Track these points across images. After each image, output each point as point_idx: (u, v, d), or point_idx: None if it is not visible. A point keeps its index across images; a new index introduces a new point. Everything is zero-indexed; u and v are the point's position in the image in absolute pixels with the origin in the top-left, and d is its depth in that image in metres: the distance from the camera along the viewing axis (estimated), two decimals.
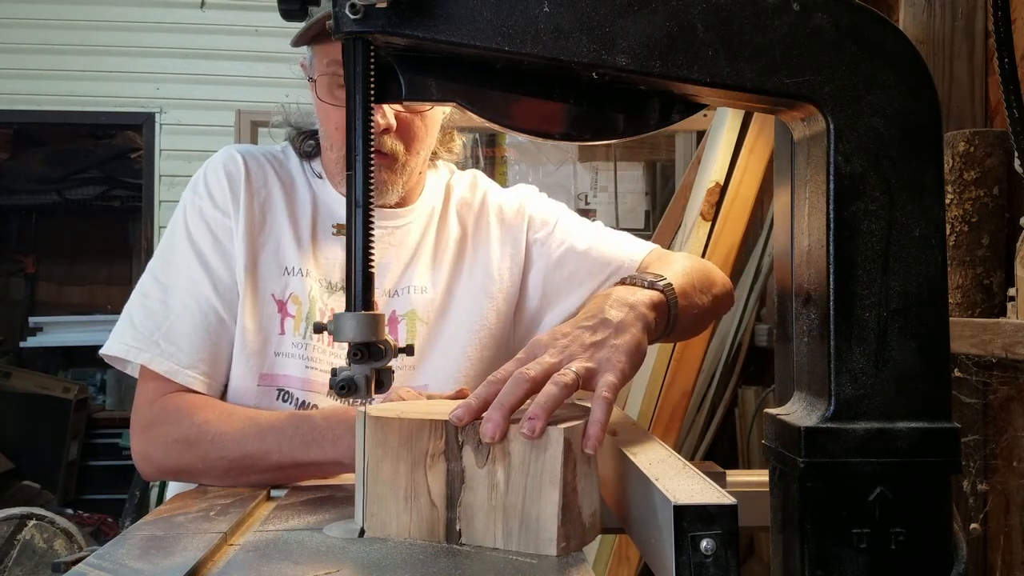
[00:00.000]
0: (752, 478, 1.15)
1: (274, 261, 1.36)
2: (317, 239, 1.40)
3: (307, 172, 1.46)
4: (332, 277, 1.39)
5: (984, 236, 1.60)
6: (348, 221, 0.88)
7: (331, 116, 1.34)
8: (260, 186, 1.39)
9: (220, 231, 1.35)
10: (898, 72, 0.81)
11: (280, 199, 1.39)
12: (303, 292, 1.35)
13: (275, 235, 1.37)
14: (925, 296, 0.81)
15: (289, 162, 1.46)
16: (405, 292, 1.42)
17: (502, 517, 0.87)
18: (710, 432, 2.74)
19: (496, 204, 1.55)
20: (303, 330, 1.34)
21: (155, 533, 0.97)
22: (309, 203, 1.42)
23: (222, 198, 1.36)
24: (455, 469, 0.89)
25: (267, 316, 1.33)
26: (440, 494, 0.90)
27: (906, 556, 0.79)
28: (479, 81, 0.89)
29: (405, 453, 0.91)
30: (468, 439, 0.89)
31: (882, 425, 0.80)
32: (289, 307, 1.34)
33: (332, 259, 1.40)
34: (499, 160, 3.74)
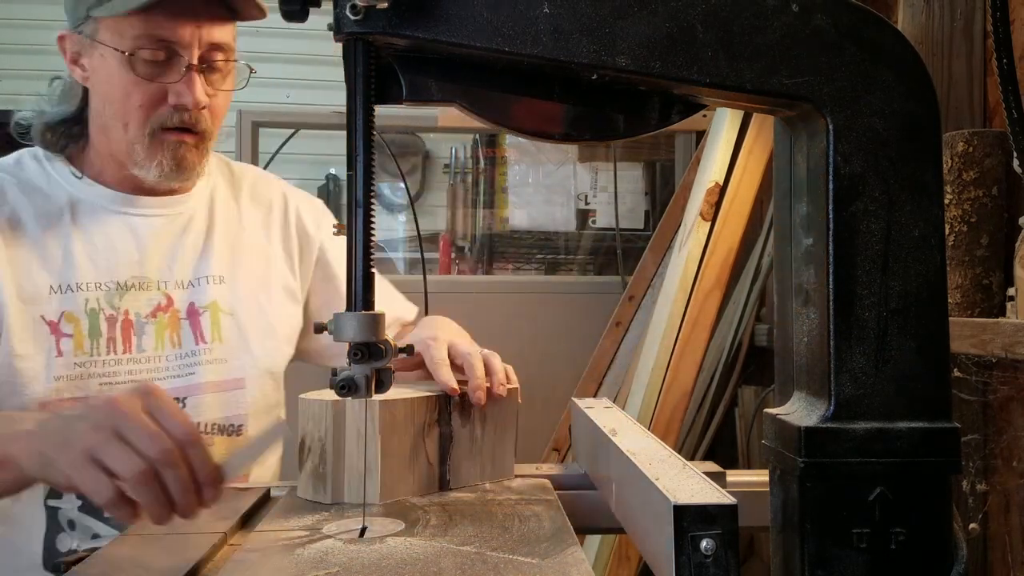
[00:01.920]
0: (752, 478, 1.15)
1: (37, 281, 1.24)
2: (86, 243, 1.29)
3: (52, 174, 1.33)
4: (118, 277, 1.30)
5: (983, 236, 1.60)
6: (348, 221, 0.88)
7: (132, 93, 1.23)
8: (1, 206, 1.27)
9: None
10: (897, 72, 0.81)
11: (29, 215, 1.27)
12: (78, 307, 1.25)
13: (31, 254, 1.25)
14: (924, 296, 0.81)
15: (26, 172, 1.32)
16: (200, 283, 1.36)
17: (479, 460, 1.18)
18: (710, 432, 2.74)
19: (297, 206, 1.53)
20: (88, 347, 1.24)
21: (155, 533, 0.97)
22: (66, 209, 1.30)
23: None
24: (445, 432, 1.15)
25: (39, 339, 1.22)
26: (434, 453, 1.14)
27: (906, 556, 0.79)
28: (479, 82, 0.89)
29: (409, 426, 1.11)
30: (454, 407, 1.16)
31: (882, 425, 0.80)
32: (63, 327, 1.24)
33: (112, 258, 1.30)
34: (499, 160, 3.75)
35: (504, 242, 3.64)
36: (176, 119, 1.25)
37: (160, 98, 1.24)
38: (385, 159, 3.51)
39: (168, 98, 1.24)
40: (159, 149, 1.26)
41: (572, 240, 3.60)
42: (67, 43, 1.29)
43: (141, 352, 1.29)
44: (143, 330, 1.30)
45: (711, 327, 2.41)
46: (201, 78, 1.25)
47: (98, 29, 1.24)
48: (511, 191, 3.63)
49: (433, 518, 1.02)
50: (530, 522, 0.99)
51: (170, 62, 1.23)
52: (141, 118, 1.25)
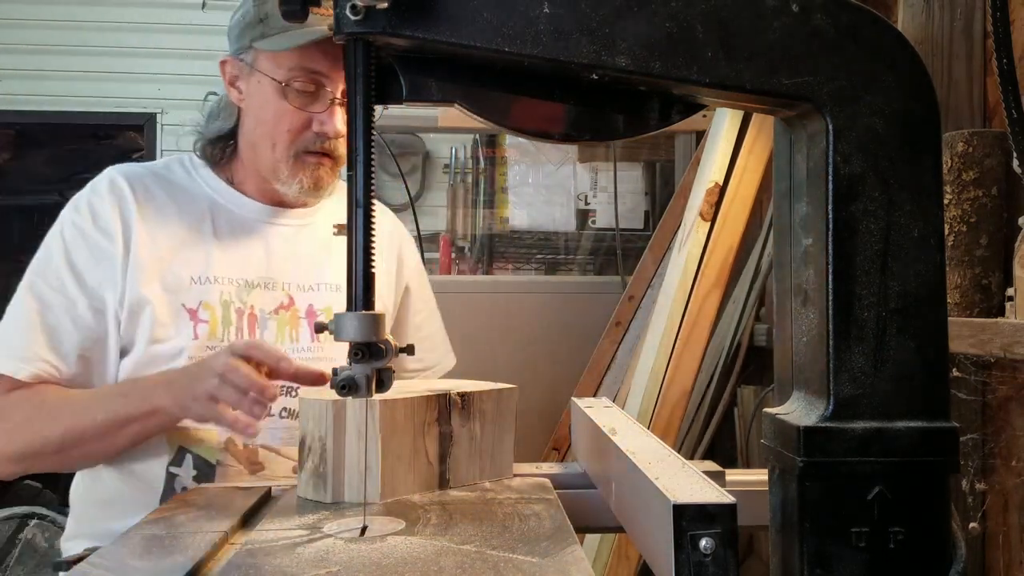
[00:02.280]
0: (751, 477, 1.15)
1: (180, 273, 1.38)
2: (223, 243, 1.44)
3: (198, 180, 1.48)
4: (247, 276, 1.43)
5: (983, 236, 1.60)
6: (348, 221, 0.89)
7: (283, 119, 1.38)
8: (148, 205, 1.41)
9: (99, 253, 1.37)
10: (897, 73, 0.82)
11: (172, 213, 1.42)
12: (214, 298, 1.39)
13: (174, 249, 1.40)
14: (924, 296, 0.81)
15: (173, 175, 1.48)
16: (319, 288, 1.48)
17: (478, 460, 1.19)
18: (709, 431, 2.75)
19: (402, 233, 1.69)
20: (220, 333, 1.38)
21: (155, 533, 0.97)
22: (207, 210, 1.45)
23: (107, 220, 1.38)
24: (445, 432, 1.16)
25: (179, 324, 1.36)
26: (434, 453, 1.15)
27: (905, 555, 0.79)
28: (479, 82, 0.89)
29: (409, 425, 1.12)
30: (455, 406, 1.17)
31: (881, 424, 0.80)
32: (200, 314, 1.38)
33: (245, 258, 1.44)
34: (499, 160, 3.75)
35: (504, 242, 3.64)
36: (318, 145, 1.40)
37: (306, 125, 1.38)
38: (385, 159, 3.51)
39: (312, 125, 1.38)
40: (301, 169, 1.41)
41: (572, 240, 3.60)
42: (228, 67, 1.44)
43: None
44: (266, 324, 1.43)
45: (711, 327, 2.41)
46: (343, 110, 1.37)
47: (258, 58, 1.39)
48: (511, 191, 3.63)
49: (433, 517, 1.02)
50: (530, 521, 0.99)
51: (318, 94, 1.37)
52: (288, 141, 1.39)
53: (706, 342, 2.41)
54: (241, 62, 1.41)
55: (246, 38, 1.39)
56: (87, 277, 1.36)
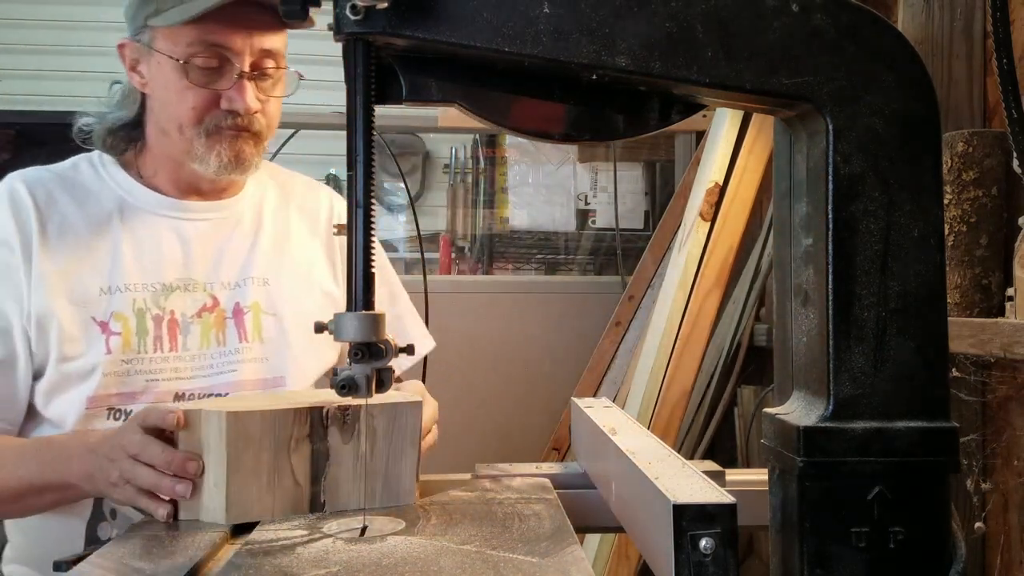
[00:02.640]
0: (751, 477, 1.15)
1: (88, 284, 1.30)
2: (135, 246, 1.34)
3: (106, 178, 1.39)
4: (163, 279, 1.34)
5: (983, 236, 1.60)
6: (348, 221, 0.88)
7: (186, 97, 1.28)
8: (51, 212, 1.32)
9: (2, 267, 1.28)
10: (897, 73, 0.82)
11: (78, 219, 1.33)
12: (125, 307, 1.30)
13: (81, 257, 1.31)
14: (924, 296, 0.81)
15: (81, 176, 1.38)
16: (246, 283, 1.40)
17: (366, 482, 1.05)
18: (709, 431, 2.74)
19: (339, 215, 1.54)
20: (135, 345, 1.29)
21: (156, 533, 0.97)
22: (115, 211, 1.35)
23: (5, 231, 1.29)
24: (319, 449, 1.05)
25: (90, 339, 1.28)
26: (304, 473, 1.04)
27: (905, 555, 0.79)
28: (479, 82, 0.89)
29: (268, 441, 1.02)
30: (334, 421, 1.05)
31: (881, 424, 0.80)
32: (112, 326, 1.29)
33: (159, 260, 1.35)
34: (499, 160, 3.75)
35: (504, 242, 3.64)
36: (229, 122, 1.30)
37: (213, 102, 1.30)
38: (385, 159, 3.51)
39: (221, 103, 1.29)
40: (217, 142, 1.31)
41: (572, 240, 3.60)
42: (126, 50, 1.36)
43: (186, 350, 1.33)
44: (188, 329, 1.34)
45: (711, 327, 2.41)
46: (253, 84, 1.30)
47: (155, 37, 1.30)
48: (511, 191, 3.63)
49: (433, 517, 1.02)
50: (530, 521, 0.99)
51: (222, 69, 1.29)
52: (194, 120, 1.30)
53: (706, 342, 2.41)
54: (139, 44, 1.32)
55: (140, 17, 1.30)
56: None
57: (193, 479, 1.01)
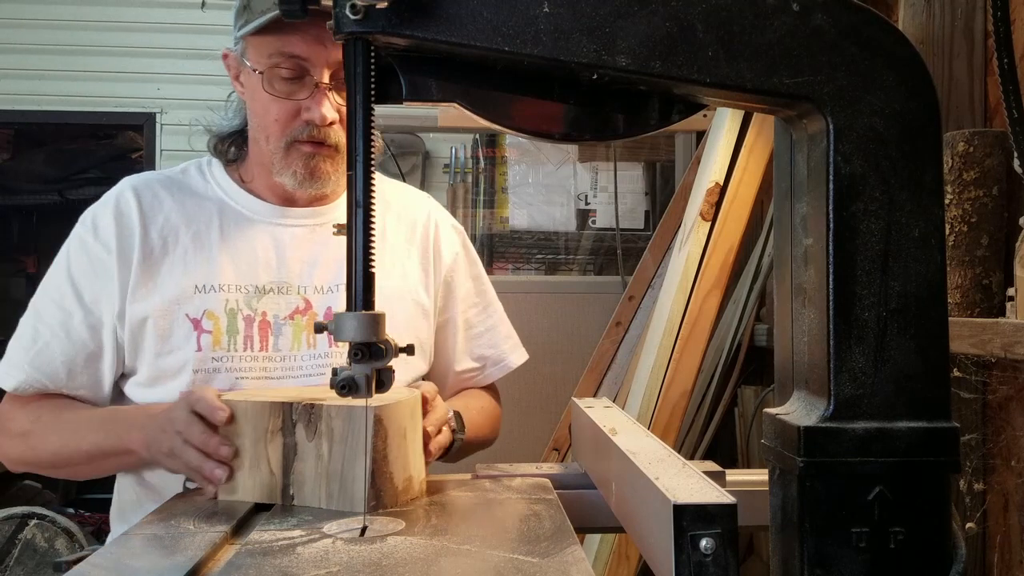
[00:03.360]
0: (752, 477, 1.15)
1: (183, 282, 1.35)
2: (231, 248, 1.39)
3: (211, 182, 1.45)
4: (257, 281, 1.38)
5: (983, 236, 1.60)
6: (348, 221, 0.88)
7: (270, 109, 1.33)
8: (155, 214, 1.39)
9: (99, 266, 1.35)
10: (898, 72, 0.81)
11: (179, 221, 1.39)
12: (218, 306, 1.35)
13: (180, 257, 1.37)
14: (924, 296, 0.81)
15: (189, 180, 1.45)
16: (339, 289, 1.41)
17: (325, 482, 1.07)
18: (710, 431, 2.75)
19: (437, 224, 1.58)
20: (225, 343, 1.34)
21: (155, 533, 0.97)
22: (216, 214, 1.41)
23: (107, 234, 1.37)
24: (290, 443, 1.09)
25: (181, 336, 1.33)
26: (278, 463, 1.09)
27: (905, 555, 0.79)
28: (479, 81, 0.89)
29: (249, 429, 1.10)
30: (300, 418, 1.09)
31: (881, 425, 0.80)
32: (204, 324, 1.34)
33: (254, 262, 1.39)
34: (499, 160, 3.75)
35: (504, 242, 3.64)
36: (307, 134, 1.33)
37: (294, 114, 1.33)
38: (385, 159, 3.51)
39: (301, 114, 1.33)
40: (294, 159, 1.35)
41: (572, 240, 3.60)
42: (229, 61, 1.41)
43: (276, 351, 1.36)
44: (280, 331, 1.38)
45: (711, 327, 2.41)
46: (331, 95, 1.32)
47: (247, 49, 1.35)
48: (511, 191, 3.63)
49: (433, 517, 1.02)
50: (530, 521, 0.99)
51: (302, 80, 1.32)
52: (277, 132, 1.34)
53: (706, 342, 2.41)
54: (237, 54, 1.38)
55: (236, 28, 1.35)
56: (85, 291, 1.35)
57: (228, 463, 1.10)
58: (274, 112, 1.33)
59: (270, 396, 1.13)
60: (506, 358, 1.62)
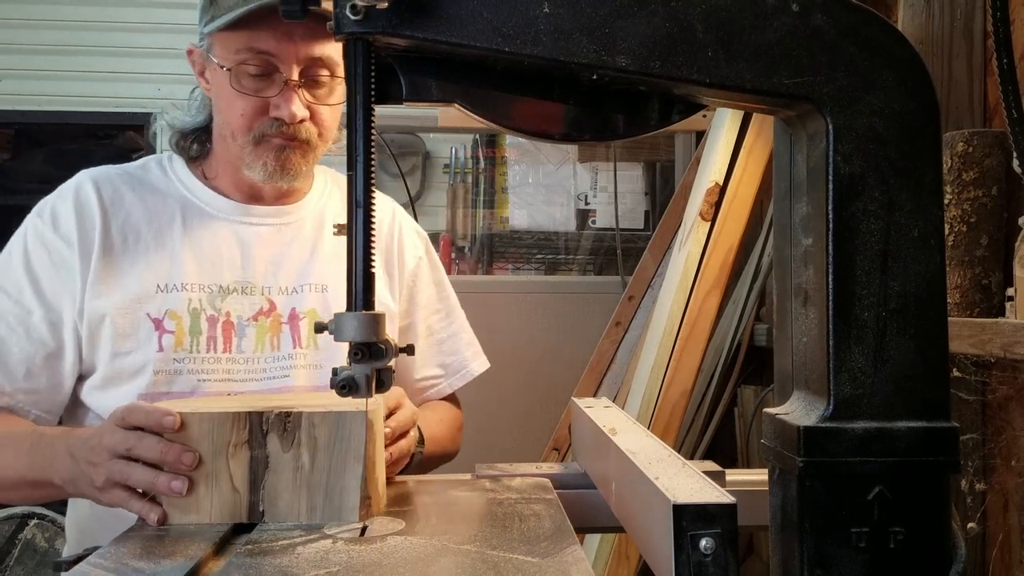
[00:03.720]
0: (751, 477, 1.15)
1: (145, 281, 1.32)
2: (195, 247, 1.36)
3: (172, 178, 1.42)
4: (221, 281, 1.35)
5: (983, 236, 1.60)
6: (348, 221, 0.88)
7: (236, 104, 1.30)
8: (116, 209, 1.35)
9: (58, 259, 1.31)
10: (897, 72, 0.82)
11: (140, 217, 1.36)
12: (181, 306, 1.32)
13: (141, 255, 1.33)
14: (924, 296, 0.81)
15: (149, 175, 1.42)
16: (303, 289, 1.40)
17: (307, 494, 1.00)
18: (709, 431, 2.74)
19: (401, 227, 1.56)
20: (188, 344, 1.31)
21: (156, 533, 0.97)
22: (178, 211, 1.38)
23: (67, 227, 1.32)
24: (259, 456, 1.00)
25: (142, 336, 1.29)
26: (243, 479, 1.00)
27: (905, 555, 0.79)
28: (479, 82, 0.89)
29: (206, 443, 1.00)
30: (273, 428, 1.00)
31: (881, 425, 0.80)
32: (166, 323, 1.30)
33: (218, 262, 1.36)
34: (499, 160, 3.75)
35: (504, 242, 3.64)
36: (276, 130, 1.31)
37: (261, 110, 1.31)
38: (385, 159, 3.51)
39: (269, 111, 1.30)
40: (264, 151, 1.33)
41: (572, 240, 3.60)
42: (194, 56, 1.37)
43: (240, 353, 1.34)
44: (244, 332, 1.35)
45: (711, 327, 2.41)
46: (301, 92, 1.30)
47: (212, 44, 1.32)
48: (511, 191, 3.63)
49: (433, 517, 1.02)
50: (530, 521, 0.99)
51: (270, 77, 1.29)
52: (244, 127, 1.31)
53: (706, 342, 2.41)
54: (202, 50, 1.34)
55: (201, 24, 1.32)
56: (45, 286, 1.30)
57: (188, 474, 0.99)
58: (239, 108, 1.30)
59: (225, 405, 1.06)
60: (468, 365, 1.60)
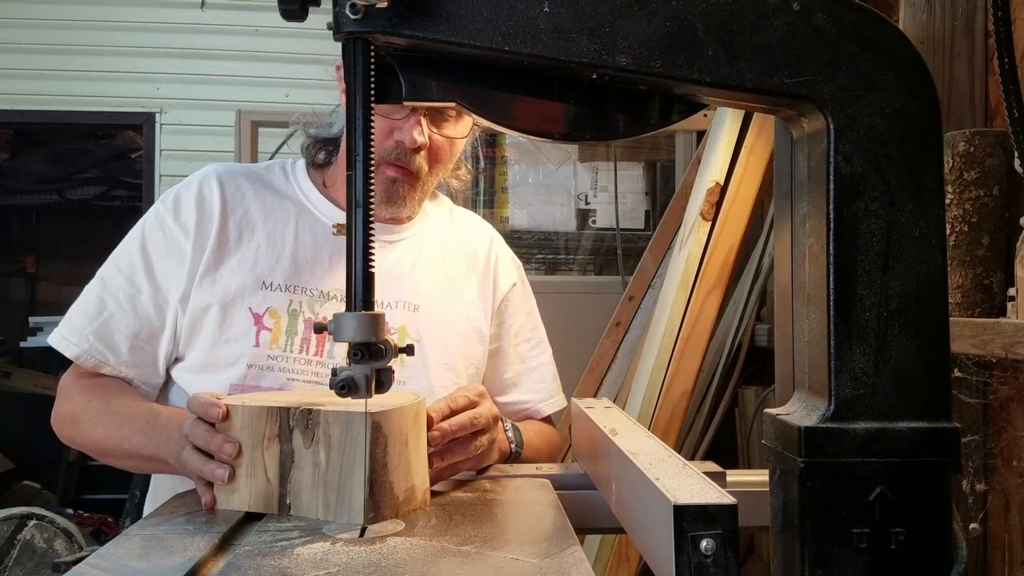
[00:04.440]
0: (752, 478, 1.15)
1: (251, 275, 1.36)
2: (305, 250, 1.40)
3: (294, 184, 1.46)
4: (324, 286, 1.38)
5: (984, 236, 1.60)
6: (348, 221, 0.88)
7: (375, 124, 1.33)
8: (236, 205, 1.40)
9: (173, 246, 1.36)
10: (898, 72, 0.81)
11: (258, 215, 1.40)
12: (282, 305, 1.35)
13: (252, 251, 1.37)
14: (925, 296, 0.81)
15: (272, 177, 1.47)
16: (397, 306, 1.42)
17: (323, 491, 1.02)
18: (710, 432, 2.74)
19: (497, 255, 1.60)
20: (283, 343, 1.34)
21: (155, 533, 0.97)
22: (294, 215, 1.42)
23: (187, 217, 1.37)
24: (287, 450, 1.03)
25: (241, 329, 1.33)
26: (274, 471, 1.04)
27: (906, 556, 0.79)
28: (479, 81, 0.89)
29: (246, 435, 1.05)
30: (297, 424, 1.03)
31: (882, 425, 0.80)
32: (266, 320, 1.34)
33: (324, 268, 1.39)
34: (499, 160, 3.74)
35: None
36: (394, 156, 1.34)
37: (388, 133, 1.33)
38: None
39: (394, 134, 1.33)
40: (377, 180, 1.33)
41: (572, 240, 3.60)
42: (338, 72, 1.38)
43: (331, 358, 1.36)
44: None
45: (711, 327, 2.41)
46: (426, 120, 1.33)
47: None
48: (511, 191, 3.63)
49: (433, 518, 1.02)
50: (530, 522, 0.99)
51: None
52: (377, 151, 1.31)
53: (707, 342, 2.41)
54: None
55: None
56: (157, 268, 1.36)
57: (230, 462, 1.05)
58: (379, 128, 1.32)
59: (269, 400, 1.10)
60: (555, 396, 1.64)
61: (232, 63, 4.59)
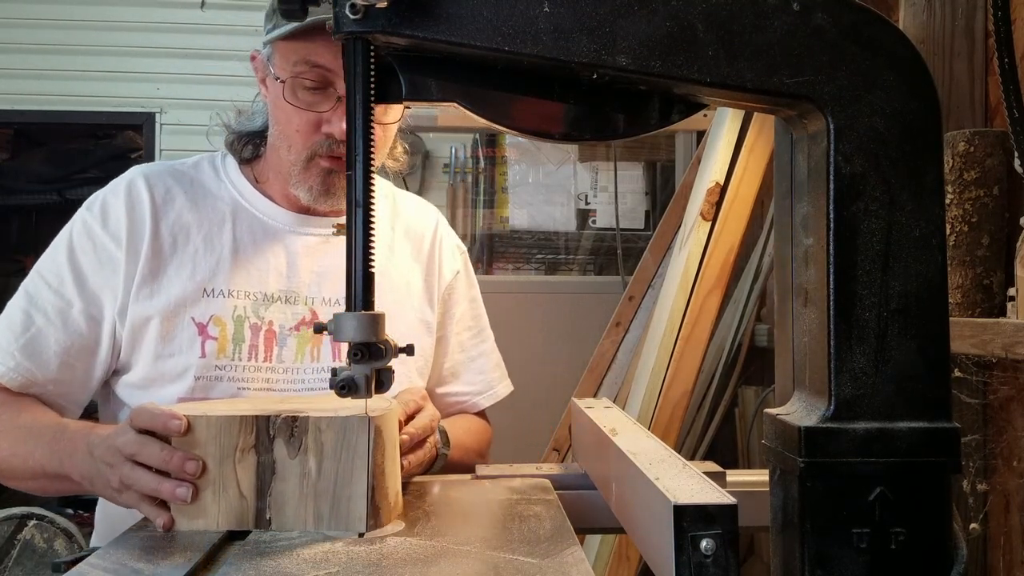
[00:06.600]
0: (752, 478, 1.15)
1: (191, 284, 1.31)
2: (243, 253, 1.35)
3: (224, 180, 1.41)
4: (266, 289, 1.34)
5: (984, 236, 1.60)
6: (348, 221, 0.88)
7: (292, 118, 1.29)
8: (167, 208, 1.34)
9: (104, 256, 1.31)
10: (898, 72, 0.81)
11: (191, 219, 1.35)
12: (226, 312, 1.31)
13: (190, 257, 1.33)
14: (925, 296, 0.81)
15: (202, 175, 1.41)
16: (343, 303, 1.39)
17: (313, 502, 0.96)
18: (710, 432, 2.75)
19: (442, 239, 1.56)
20: (231, 351, 1.30)
21: (155, 533, 0.97)
22: (229, 215, 1.37)
23: (116, 224, 1.32)
24: (266, 461, 0.97)
25: (185, 340, 1.29)
26: (250, 485, 0.97)
27: (906, 556, 0.79)
28: (479, 81, 0.89)
29: (213, 449, 0.97)
30: (280, 433, 0.97)
31: (882, 425, 0.80)
32: (210, 329, 1.30)
33: (265, 269, 1.35)
34: (499, 160, 3.74)
35: (504, 242, 3.64)
36: (325, 149, 1.30)
37: (316, 126, 1.29)
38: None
39: (322, 126, 1.29)
40: (311, 174, 1.32)
41: (572, 240, 3.60)
42: (256, 63, 1.36)
43: (280, 363, 1.33)
44: (285, 342, 1.34)
45: (711, 327, 2.41)
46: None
47: (273, 54, 1.31)
48: (511, 191, 3.63)
49: (433, 518, 1.02)
50: (530, 522, 0.98)
51: (324, 91, 1.28)
52: (299, 143, 1.31)
53: (707, 342, 2.41)
54: (264, 59, 1.34)
55: (265, 32, 1.31)
56: (88, 280, 1.30)
57: (193, 481, 0.96)
58: (296, 123, 1.29)
59: (235, 408, 1.03)
60: (495, 386, 1.59)
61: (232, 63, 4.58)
